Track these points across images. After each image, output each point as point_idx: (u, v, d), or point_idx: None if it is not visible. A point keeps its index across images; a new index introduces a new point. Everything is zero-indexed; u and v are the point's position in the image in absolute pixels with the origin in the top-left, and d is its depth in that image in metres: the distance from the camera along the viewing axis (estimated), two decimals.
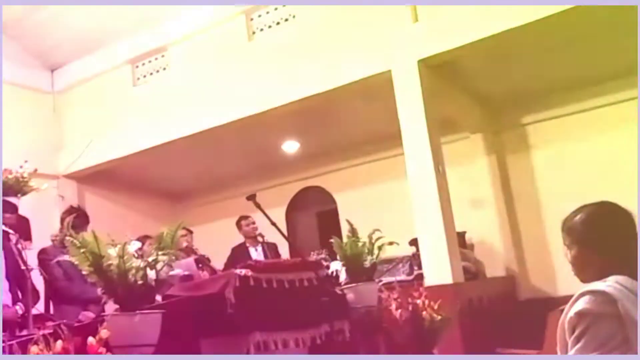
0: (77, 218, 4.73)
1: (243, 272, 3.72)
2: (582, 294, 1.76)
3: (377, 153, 8.64)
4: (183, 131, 7.87)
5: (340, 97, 7.08)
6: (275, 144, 8.84)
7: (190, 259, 5.20)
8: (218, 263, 5.66)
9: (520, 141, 7.98)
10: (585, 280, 1.86)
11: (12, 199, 5.16)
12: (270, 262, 4.95)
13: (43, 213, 6.84)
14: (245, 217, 6.27)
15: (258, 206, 4.16)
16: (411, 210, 6.13)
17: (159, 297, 3.70)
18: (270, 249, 6.13)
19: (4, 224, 4.05)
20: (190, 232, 6.21)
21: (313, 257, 5.16)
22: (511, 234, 7.82)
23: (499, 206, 7.90)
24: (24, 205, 5.66)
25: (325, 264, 4.75)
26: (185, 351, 3.32)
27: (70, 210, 5.25)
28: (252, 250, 6.16)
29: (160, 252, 3.10)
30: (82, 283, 4.03)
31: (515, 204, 7.93)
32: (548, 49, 6.49)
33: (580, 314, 1.73)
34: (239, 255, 5.92)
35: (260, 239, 6.13)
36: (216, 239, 7.14)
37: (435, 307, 4.50)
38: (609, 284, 1.76)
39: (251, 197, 4.16)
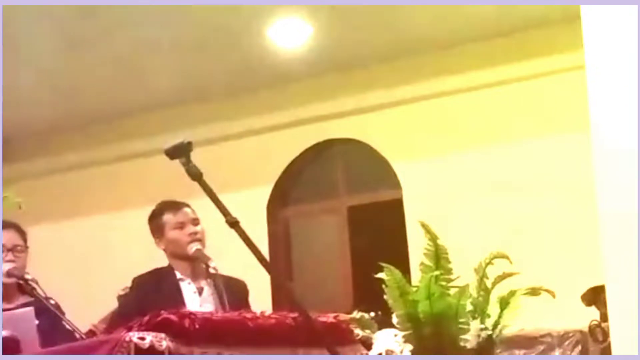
0: None
1: (148, 338, 3.64)
2: None
3: (494, 66, 8.68)
4: None
5: None
6: (253, 27, 8.57)
7: (27, 309, 5.03)
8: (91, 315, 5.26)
9: None
10: None
11: None
12: (221, 317, 4.74)
13: None
14: (175, 207, 5.84)
15: (196, 177, 3.91)
16: (591, 223, 5.45)
17: None
18: (230, 290, 5.71)
19: None
20: (21, 233, 5.77)
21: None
22: None
23: None
24: None
25: (360, 333, 4.52)
26: None
27: None
28: (186, 287, 5.73)
29: None
30: None
31: None
32: None
33: None
34: (151, 297, 5.55)
35: (204, 265, 5.79)
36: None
37: None
38: None
39: (178, 151, 3.96)
